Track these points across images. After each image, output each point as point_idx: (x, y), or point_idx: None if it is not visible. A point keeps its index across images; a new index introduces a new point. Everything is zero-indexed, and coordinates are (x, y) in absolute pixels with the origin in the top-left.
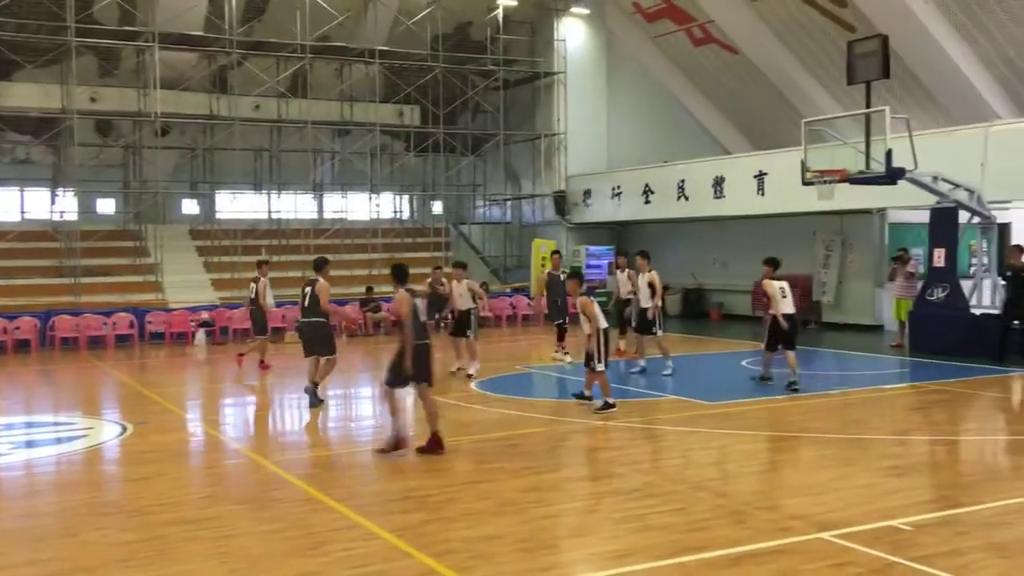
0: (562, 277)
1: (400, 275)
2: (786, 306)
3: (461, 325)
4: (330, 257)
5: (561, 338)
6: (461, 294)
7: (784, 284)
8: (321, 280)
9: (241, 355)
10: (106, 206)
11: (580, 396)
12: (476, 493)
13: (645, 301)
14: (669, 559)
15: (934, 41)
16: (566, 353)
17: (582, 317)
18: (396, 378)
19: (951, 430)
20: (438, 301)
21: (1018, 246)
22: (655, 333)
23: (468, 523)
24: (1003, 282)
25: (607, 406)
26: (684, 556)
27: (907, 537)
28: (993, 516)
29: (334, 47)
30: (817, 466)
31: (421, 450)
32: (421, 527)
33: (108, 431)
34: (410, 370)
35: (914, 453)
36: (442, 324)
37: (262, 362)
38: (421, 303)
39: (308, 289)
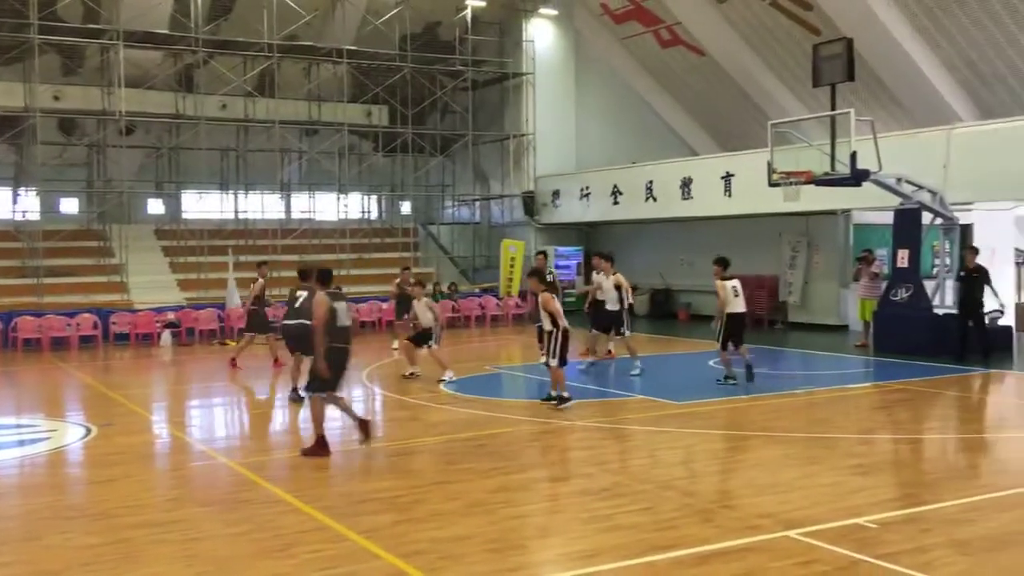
0: (549, 278)
1: (324, 278)
2: (737, 305)
3: (423, 338)
4: (296, 258)
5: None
6: (418, 313)
7: (736, 283)
8: (320, 292)
9: (276, 360)
10: (69, 206)
11: (548, 398)
12: (445, 494)
13: (612, 303)
14: (637, 558)
15: (897, 44)
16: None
17: (543, 314)
18: (315, 383)
19: (915, 429)
20: (406, 301)
21: (972, 247)
22: (623, 334)
23: (437, 524)
24: (958, 282)
25: (562, 400)
26: (652, 555)
27: (872, 535)
28: (956, 513)
29: (301, 46)
30: (783, 465)
31: (362, 441)
32: (390, 528)
33: (72, 433)
34: (325, 373)
35: (878, 452)
36: (412, 324)
37: (234, 360)
38: (343, 306)
39: (304, 294)
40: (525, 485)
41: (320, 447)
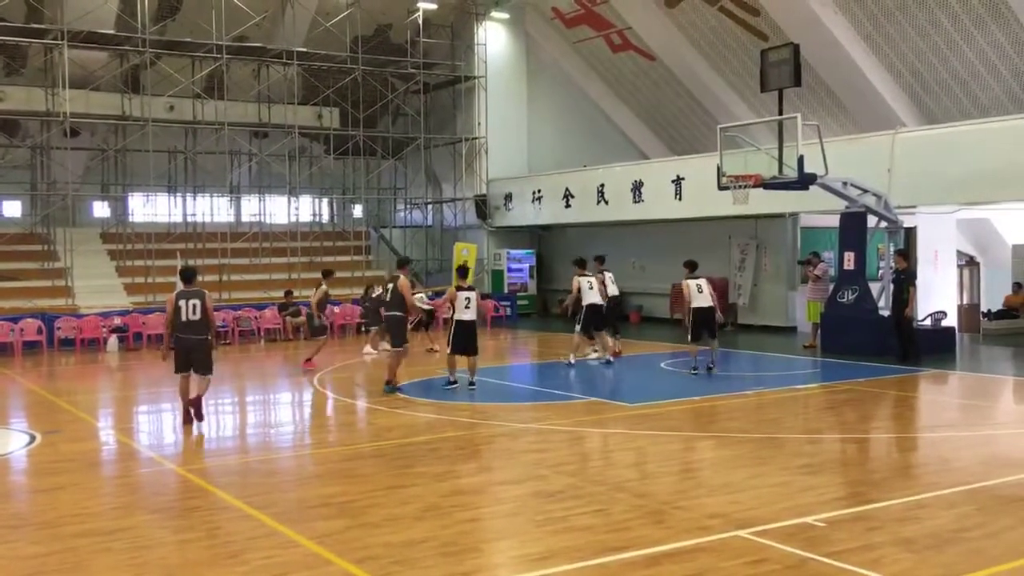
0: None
1: (184, 276)
2: (701, 300)
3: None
4: (247, 261)
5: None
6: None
7: (701, 282)
8: (403, 277)
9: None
10: (12, 209)
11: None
12: (398, 498)
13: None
14: (591, 560)
15: (843, 51)
16: (595, 350)
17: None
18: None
19: (861, 428)
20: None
21: (898, 250)
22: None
23: (390, 528)
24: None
25: (448, 383)
26: (605, 557)
27: (820, 533)
28: (902, 511)
29: (251, 48)
30: (733, 465)
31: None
32: (342, 533)
33: (16, 441)
34: (164, 358)
35: (827, 451)
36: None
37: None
38: (191, 303)
39: (391, 286)
40: (479, 488)
41: (185, 415)
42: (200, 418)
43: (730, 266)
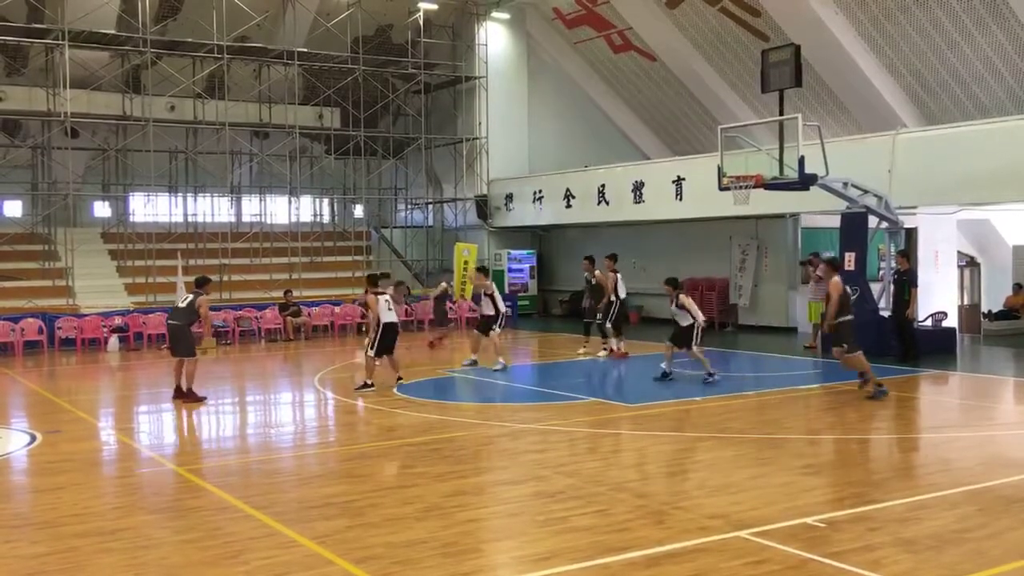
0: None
1: (197, 281)
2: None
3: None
4: (247, 261)
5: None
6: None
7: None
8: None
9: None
10: (13, 209)
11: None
12: (399, 498)
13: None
14: (591, 560)
15: (844, 51)
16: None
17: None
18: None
19: (862, 429)
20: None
21: (900, 251)
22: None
23: (391, 529)
24: (892, 285)
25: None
26: (606, 557)
27: (821, 534)
28: (903, 512)
29: (252, 48)
30: (734, 466)
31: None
32: (343, 533)
33: (16, 440)
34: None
35: (827, 452)
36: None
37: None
38: (186, 295)
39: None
40: (480, 488)
41: (192, 396)
42: (191, 400)
43: (731, 266)
